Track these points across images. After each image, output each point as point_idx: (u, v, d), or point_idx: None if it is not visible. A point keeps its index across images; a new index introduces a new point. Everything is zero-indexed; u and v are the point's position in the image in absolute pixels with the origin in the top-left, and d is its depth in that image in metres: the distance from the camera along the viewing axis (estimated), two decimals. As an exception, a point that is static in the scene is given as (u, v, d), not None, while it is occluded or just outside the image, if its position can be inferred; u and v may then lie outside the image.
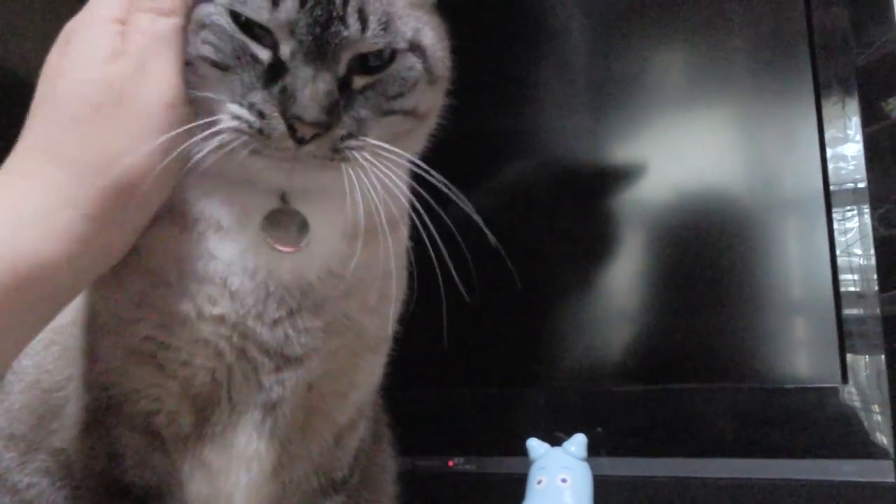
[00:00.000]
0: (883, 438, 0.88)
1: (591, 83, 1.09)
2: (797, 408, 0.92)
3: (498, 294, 0.89)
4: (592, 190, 1.07)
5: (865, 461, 0.87)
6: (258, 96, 0.53)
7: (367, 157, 0.56)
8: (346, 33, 0.54)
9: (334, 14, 0.53)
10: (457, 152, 0.65)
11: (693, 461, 0.95)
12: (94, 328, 0.63)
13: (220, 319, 0.60)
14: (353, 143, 0.55)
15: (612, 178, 1.06)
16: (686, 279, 1.01)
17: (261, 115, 0.53)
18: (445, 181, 0.59)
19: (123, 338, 0.61)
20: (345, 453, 0.73)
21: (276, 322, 0.61)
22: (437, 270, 0.60)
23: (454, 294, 0.62)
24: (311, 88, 0.52)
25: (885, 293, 0.89)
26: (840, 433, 0.90)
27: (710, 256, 1.00)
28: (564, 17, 1.09)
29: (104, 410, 0.63)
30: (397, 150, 0.57)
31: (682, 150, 1.04)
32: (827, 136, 0.95)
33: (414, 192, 0.62)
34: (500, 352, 1.04)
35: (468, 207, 0.59)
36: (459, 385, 1.06)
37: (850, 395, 0.90)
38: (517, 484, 0.89)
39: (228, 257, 0.60)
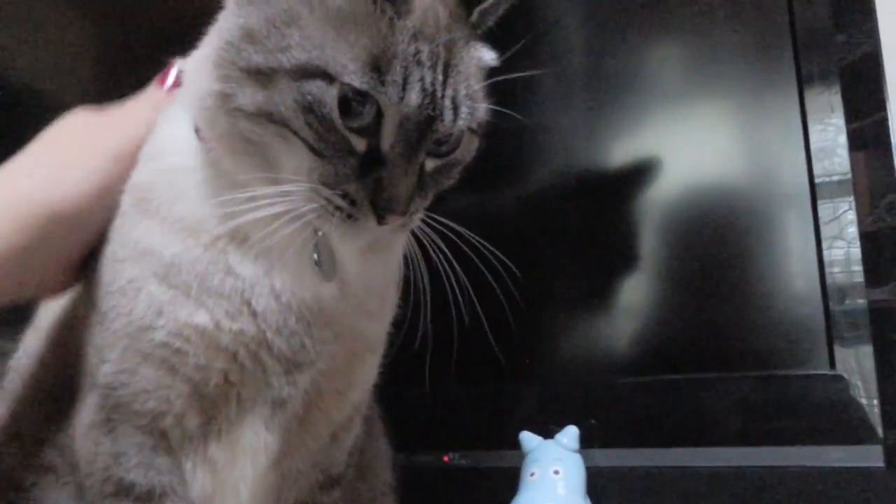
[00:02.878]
0: (872, 424, 0.88)
1: (581, 81, 1.10)
2: (787, 396, 0.93)
3: (491, 290, 0.89)
4: (584, 186, 1.08)
5: (855, 447, 0.88)
6: (353, 187, 0.56)
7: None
8: (441, 127, 0.56)
9: (437, 109, 0.55)
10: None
11: (685, 451, 0.95)
12: (104, 332, 0.64)
13: (240, 332, 0.62)
14: (417, 216, 0.60)
15: (602, 174, 1.07)
16: (677, 272, 1.02)
17: (353, 203, 0.56)
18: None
19: (137, 342, 0.62)
20: (341, 451, 0.75)
21: (293, 333, 0.63)
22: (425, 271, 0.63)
23: (448, 291, 0.64)
24: (405, 184, 0.55)
25: (871, 283, 0.90)
26: (830, 420, 0.90)
27: (700, 250, 1.01)
28: (556, 16, 1.11)
29: (111, 409, 0.64)
30: None
31: (671, 148, 1.05)
32: (811, 131, 0.96)
33: None
34: (494, 347, 1.04)
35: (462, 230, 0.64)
36: (453, 381, 1.07)
37: (840, 382, 0.90)
38: (512, 477, 0.90)
39: (251, 276, 0.61)
